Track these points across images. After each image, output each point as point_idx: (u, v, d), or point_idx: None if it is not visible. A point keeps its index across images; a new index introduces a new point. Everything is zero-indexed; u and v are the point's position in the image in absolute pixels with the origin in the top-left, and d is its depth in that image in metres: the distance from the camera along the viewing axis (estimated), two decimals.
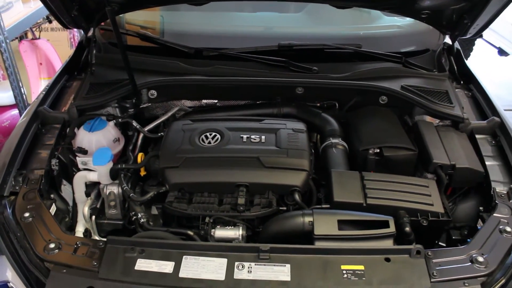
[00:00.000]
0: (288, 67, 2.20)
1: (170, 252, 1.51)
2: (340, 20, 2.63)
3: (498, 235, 1.59)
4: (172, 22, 2.65)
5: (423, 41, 2.47)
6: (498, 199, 1.73)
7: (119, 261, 1.48)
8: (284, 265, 1.46)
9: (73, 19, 2.12)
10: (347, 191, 1.72)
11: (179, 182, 1.76)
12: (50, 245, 1.52)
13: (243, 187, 1.75)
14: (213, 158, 1.80)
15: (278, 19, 2.69)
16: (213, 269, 1.45)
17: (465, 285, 1.43)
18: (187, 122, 1.99)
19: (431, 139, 1.93)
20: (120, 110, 2.17)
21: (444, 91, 2.15)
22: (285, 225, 1.63)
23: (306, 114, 2.13)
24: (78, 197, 1.92)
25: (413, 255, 1.49)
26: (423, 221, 1.68)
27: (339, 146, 1.94)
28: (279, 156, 1.80)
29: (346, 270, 1.45)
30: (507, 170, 1.86)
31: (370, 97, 2.17)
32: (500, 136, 1.98)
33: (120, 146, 2.02)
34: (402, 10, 2.16)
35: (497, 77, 5.38)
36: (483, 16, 2.04)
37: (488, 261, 1.50)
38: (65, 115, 2.02)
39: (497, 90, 4.87)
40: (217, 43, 2.38)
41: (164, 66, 2.20)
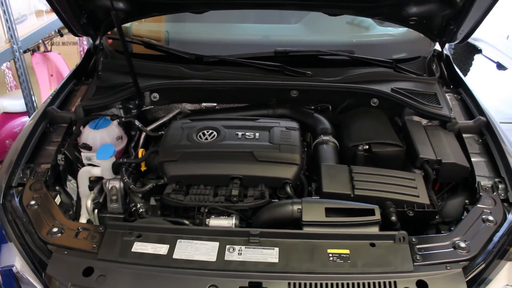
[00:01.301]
0: (283, 71, 2.31)
1: (165, 236, 1.60)
2: (336, 31, 2.75)
3: (481, 224, 1.66)
4: (177, 32, 2.79)
5: (414, 48, 2.57)
6: (483, 192, 1.79)
7: (117, 244, 1.57)
8: (272, 248, 1.54)
9: (82, 26, 2.27)
10: (336, 182, 1.80)
11: (177, 175, 1.86)
12: (53, 229, 1.62)
13: (237, 179, 1.84)
14: (209, 153, 1.90)
15: (276, 30, 2.83)
16: (205, 252, 1.54)
17: (447, 269, 1.49)
18: (186, 121, 2.10)
19: (418, 136, 2.02)
20: (124, 111, 2.29)
21: (432, 93, 2.24)
22: (275, 212, 1.71)
23: (299, 115, 2.23)
24: (82, 191, 2.02)
25: (397, 241, 1.56)
26: (409, 212, 1.75)
27: (330, 143, 2.03)
28: (272, 151, 1.90)
29: (332, 254, 1.52)
30: (492, 166, 1.92)
31: (361, 99, 2.27)
32: (486, 134, 2.05)
33: (123, 144, 2.13)
34: (391, 17, 2.27)
35: (496, 91, 5.45)
36: (467, 22, 2.14)
37: (470, 247, 1.56)
38: (72, 115, 2.15)
39: (497, 104, 4.93)
40: (217, 50, 2.50)
41: (166, 71, 2.32)
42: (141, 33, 2.76)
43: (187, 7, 2.26)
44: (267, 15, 2.84)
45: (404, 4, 2.14)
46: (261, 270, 1.48)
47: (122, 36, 1.97)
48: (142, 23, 2.90)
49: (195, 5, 2.23)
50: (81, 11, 2.20)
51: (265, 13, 2.83)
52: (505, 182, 1.82)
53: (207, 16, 2.51)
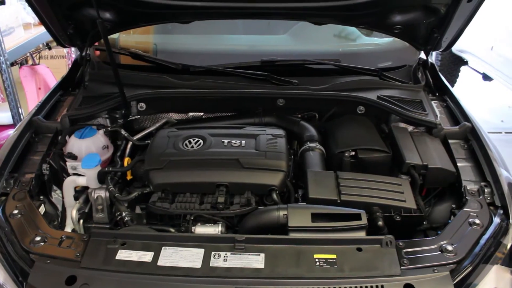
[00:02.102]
0: (269, 80, 2.32)
1: (150, 243, 1.58)
2: (322, 41, 2.78)
3: (468, 227, 1.66)
4: (165, 43, 2.81)
5: (400, 57, 2.61)
6: (469, 196, 1.80)
7: (101, 252, 1.55)
8: (258, 254, 1.53)
9: (69, 37, 2.27)
10: (322, 188, 1.79)
11: (163, 183, 1.85)
12: (36, 238, 1.60)
13: (223, 186, 1.83)
14: (195, 160, 1.89)
15: (263, 40, 2.85)
16: (190, 258, 1.52)
17: (435, 272, 1.49)
18: (173, 129, 2.10)
19: (404, 142, 2.02)
20: (110, 120, 2.28)
21: (418, 100, 2.26)
22: (261, 219, 1.70)
23: (285, 123, 2.24)
24: (67, 201, 2.00)
25: (384, 245, 1.55)
26: (396, 217, 1.75)
27: (316, 150, 2.03)
28: (258, 158, 1.89)
29: (319, 259, 1.51)
30: (478, 171, 1.93)
31: (348, 107, 2.28)
32: (471, 140, 2.07)
33: (109, 153, 2.12)
34: (376, 26, 2.30)
35: (483, 102, 5.51)
36: (451, 29, 2.18)
37: (457, 250, 1.56)
38: (57, 125, 2.13)
39: (484, 115, 4.99)
40: (205, 61, 2.51)
41: (152, 80, 2.33)
42: (129, 44, 2.77)
43: (173, 17, 2.27)
44: (254, 26, 2.88)
45: (388, 13, 2.17)
46: (247, 276, 1.46)
47: (108, 45, 1.97)
48: (130, 35, 2.92)
49: (181, 15, 2.24)
50: (67, 21, 2.21)
51: (252, 24, 2.87)
52: (491, 186, 1.83)
53: (194, 27, 2.53)
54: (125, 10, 2.18)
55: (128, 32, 2.85)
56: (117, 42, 2.78)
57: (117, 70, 2.04)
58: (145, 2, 2.09)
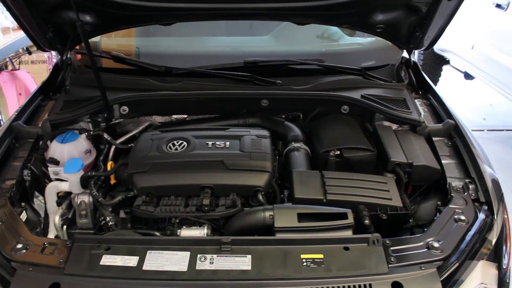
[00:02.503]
0: (253, 81, 2.31)
1: (135, 247, 1.55)
2: (305, 41, 2.78)
3: (453, 223, 1.67)
4: (147, 45, 2.78)
5: (383, 56, 2.61)
6: (454, 193, 1.81)
7: (85, 257, 1.51)
8: (245, 256, 1.51)
9: (49, 40, 2.23)
10: (308, 188, 1.79)
11: (147, 186, 1.82)
12: (18, 246, 1.56)
13: (208, 188, 1.81)
14: (179, 163, 1.87)
15: (246, 41, 2.84)
16: (176, 262, 1.50)
17: (422, 269, 1.49)
18: (156, 132, 2.07)
19: (389, 140, 2.03)
20: (92, 124, 2.25)
21: (402, 99, 2.27)
22: (247, 220, 1.69)
23: (270, 123, 2.23)
24: (50, 207, 1.96)
25: (371, 243, 1.55)
26: (382, 215, 1.75)
27: (301, 150, 2.03)
28: (242, 159, 1.88)
29: (306, 259, 1.50)
30: (462, 167, 1.94)
31: (332, 106, 2.28)
32: (455, 137, 2.08)
33: (92, 157, 2.09)
34: (358, 25, 2.31)
35: (465, 100, 5.58)
36: (432, 28, 2.20)
37: (444, 247, 1.56)
38: (38, 130, 2.09)
39: (466, 113, 5.04)
40: (187, 63, 2.49)
41: (135, 83, 2.30)
42: (111, 47, 2.73)
43: (155, 19, 2.25)
44: (237, 27, 2.86)
45: (370, 12, 2.18)
46: (233, 278, 1.44)
47: (88, 48, 1.94)
48: (111, 38, 2.88)
49: (163, 17, 2.22)
50: (47, 25, 2.17)
51: (235, 26, 2.85)
52: (475, 183, 1.84)
53: (176, 29, 2.51)
54: (105, 13, 2.15)
55: (109, 35, 2.83)
56: (99, 46, 2.75)
57: (99, 73, 2.01)
58: (126, 4, 2.07)
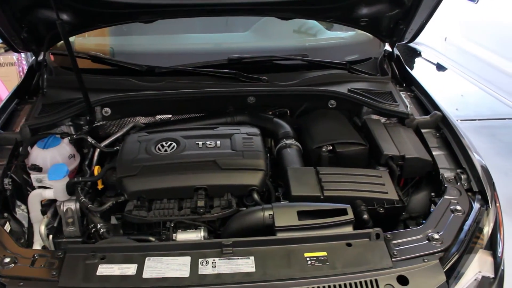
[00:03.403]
0: (238, 78, 2.27)
1: (132, 255, 1.49)
2: (286, 36, 2.75)
3: (450, 214, 1.68)
4: (122, 44, 2.69)
5: (365, 50, 2.62)
6: (447, 183, 1.82)
7: (80, 268, 1.44)
8: (248, 257, 1.47)
9: (23, 41, 2.12)
10: (304, 185, 1.76)
11: (138, 190, 1.75)
12: (5, 260, 1.46)
13: (202, 190, 1.76)
14: (170, 165, 1.81)
15: (226, 38, 2.79)
16: (177, 268, 1.44)
17: (425, 261, 1.49)
18: (143, 134, 2.00)
19: (380, 134, 2.03)
20: (74, 128, 2.15)
21: (388, 92, 2.28)
22: (246, 221, 1.65)
23: (258, 120, 2.19)
24: (34, 216, 1.86)
25: (372, 238, 1.54)
26: (379, 209, 1.74)
27: (293, 146, 2.00)
28: (235, 158, 1.84)
29: (310, 257, 1.48)
30: (452, 158, 1.97)
31: (319, 102, 2.26)
32: (443, 128, 2.10)
33: (76, 162, 2.00)
34: (342, 19, 2.30)
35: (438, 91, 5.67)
36: (416, 21, 2.21)
37: (443, 238, 1.57)
38: (17, 135, 1.98)
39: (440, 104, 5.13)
40: (166, 62, 2.41)
41: (117, 84, 2.22)
42: (86, 47, 2.62)
43: (135, 16, 2.17)
44: (212, 24, 2.80)
45: (355, 6, 2.17)
46: (238, 281, 1.41)
47: (69, 47, 1.85)
48: (85, 38, 2.77)
49: (143, 14, 2.15)
50: (20, 24, 2.06)
51: (210, 22, 2.80)
52: (467, 173, 1.87)
53: (152, 28, 2.42)
54: (84, 11, 2.06)
55: (83, 35, 2.72)
56: (73, 46, 2.63)
57: (81, 75, 1.92)
58: (105, 2, 1.99)
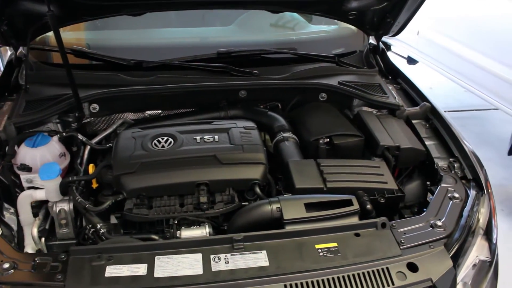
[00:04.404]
0: (229, 72, 2.24)
1: (140, 254, 1.44)
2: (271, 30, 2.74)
3: (449, 202, 1.73)
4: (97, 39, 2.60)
5: (349, 44, 2.64)
6: (442, 172, 1.87)
7: (86, 271, 1.38)
8: (260, 251, 1.46)
9: (3, 34, 2.01)
10: (307, 177, 1.76)
11: (137, 188, 1.70)
12: (4, 266, 1.38)
13: (204, 185, 1.73)
14: (170, 160, 1.77)
15: (210, 32, 2.75)
16: (189, 265, 1.41)
17: (431, 248, 1.53)
18: (136, 130, 1.94)
19: (374, 125, 2.06)
20: (62, 125, 2.06)
21: (377, 84, 2.31)
22: (253, 215, 1.63)
23: (253, 114, 2.17)
24: (24, 219, 1.77)
25: (379, 227, 1.57)
26: (380, 199, 1.77)
27: (290, 139, 2.00)
28: (235, 152, 1.81)
29: (321, 249, 1.48)
30: (443, 147, 2.03)
31: (310, 95, 2.27)
32: (432, 119, 2.16)
33: (67, 161, 1.91)
34: (331, 12, 2.31)
35: None
36: (403, 14, 2.25)
37: (446, 225, 1.61)
38: (1, 134, 1.88)
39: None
40: (150, 56, 2.34)
41: (104, 79, 2.14)
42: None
43: (123, 9, 2.09)
44: (189, 19, 2.75)
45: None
46: (253, 276, 1.39)
47: (60, 40, 1.76)
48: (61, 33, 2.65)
49: (133, 6, 2.08)
50: (0, 17, 1.95)
51: (187, 17, 2.74)
52: (459, 161, 1.93)
53: (128, 22, 2.35)
54: (71, 3, 1.97)
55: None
56: (48, 40, 2.52)
57: (71, 70, 1.84)
58: None
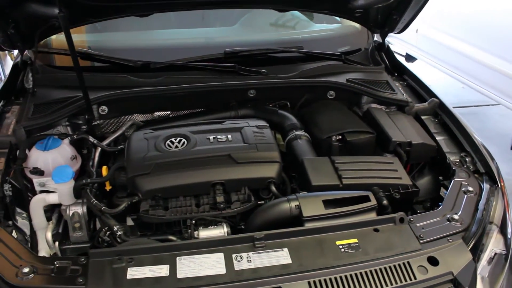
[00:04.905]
0: (237, 71, 2.24)
1: (161, 256, 1.43)
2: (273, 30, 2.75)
3: (464, 196, 1.73)
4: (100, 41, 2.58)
5: (353, 42, 2.65)
6: (454, 166, 1.88)
7: (107, 273, 1.36)
8: (281, 249, 1.45)
9: (9, 37, 1.99)
10: (322, 175, 1.76)
11: (153, 189, 1.69)
12: (24, 270, 1.36)
13: (219, 185, 1.72)
14: (184, 161, 1.75)
15: (214, 33, 2.74)
16: (212, 265, 1.40)
17: (449, 241, 1.53)
18: (148, 131, 1.93)
19: (385, 122, 2.07)
20: (71, 128, 2.04)
21: (384, 81, 2.32)
22: (272, 213, 1.62)
23: (263, 113, 2.16)
24: (37, 223, 1.75)
25: (397, 222, 1.57)
26: (395, 194, 1.77)
27: (303, 137, 2.00)
28: (250, 151, 1.81)
29: (342, 245, 1.48)
30: (454, 142, 2.03)
31: (319, 93, 2.27)
32: (441, 114, 2.17)
33: (78, 164, 1.89)
34: (337, 10, 2.32)
35: None
36: (409, 11, 2.26)
37: (462, 218, 1.62)
38: (11, 138, 1.86)
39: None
40: (154, 57, 2.33)
41: (112, 81, 2.13)
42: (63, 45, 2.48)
43: (130, 10, 2.08)
44: (189, 20, 2.74)
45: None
46: (276, 274, 1.38)
47: (70, 42, 1.74)
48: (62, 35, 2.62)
49: (140, 7, 2.06)
50: (8, 19, 1.93)
51: (187, 18, 2.74)
52: (471, 156, 1.94)
53: (128, 24, 2.35)
54: (76, 4, 1.95)
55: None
56: (50, 43, 2.50)
57: (82, 72, 1.83)
58: None
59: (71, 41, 1.74)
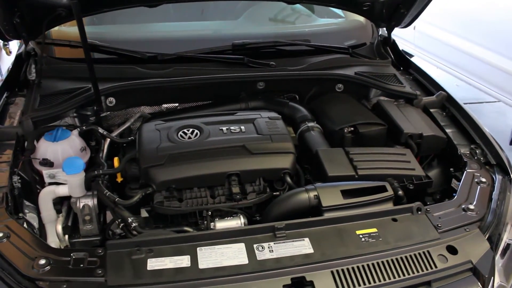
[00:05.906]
0: (246, 63, 2.22)
1: (181, 246, 1.40)
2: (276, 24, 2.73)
3: (477, 186, 1.74)
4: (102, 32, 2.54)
5: (358, 36, 2.65)
6: (466, 158, 1.89)
7: (127, 265, 1.34)
8: (303, 239, 1.44)
9: (15, 26, 1.94)
10: (338, 165, 1.76)
11: (168, 180, 1.66)
12: (40, 262, 1.32)
13: (235, 176, 1.71)
14: (198, 152, 1.73)
15: (220, 26, 2.72)
16: (233, 255, 1.38)
17: (466, 231, 1.54)
18: (159, 122, 1.90)
19: (395, 114, 2.07)
20: (79, 119, 2.00)
21: (392, 74, 2.32)
22: (290, 203, 1.61)
23: (274, 105, 2.15)
24: (46, 216, 1.71)
25: (414, 212, 1.57)
26: (409, 185, 1.77)
27: (315, 129, 1.99)
28: (264, 142, 1.79)
29: (362, 234, 1.47)
30: (463, 134, 2.04)
31: (327, 85, 2.27)
32: (449, 107, 2.18)
33: (88, 155, 1.86)
34: (345, 3, 2.31)
35: None
36: (417, 5, 2.26)
37: (478, 209, 1.63)
38: (18, 129, 1.81)
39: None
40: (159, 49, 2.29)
41: (121, 72, 2.09)
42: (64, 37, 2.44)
43: (139, 0, 2.05)
44: (187, 13, 2.72)
45: None
46: (299, 263, 1.37)
47: (82, 30, 1.70)
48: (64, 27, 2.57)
49: None
50: (13, 8, 1.88)
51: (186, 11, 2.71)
52: (481, 147, 1.94)
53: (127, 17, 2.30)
54: None
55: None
56: (49, 35, 2.44)
57: (92, 63, 1.79)
58: None
59: (83, 30, 1.71)
